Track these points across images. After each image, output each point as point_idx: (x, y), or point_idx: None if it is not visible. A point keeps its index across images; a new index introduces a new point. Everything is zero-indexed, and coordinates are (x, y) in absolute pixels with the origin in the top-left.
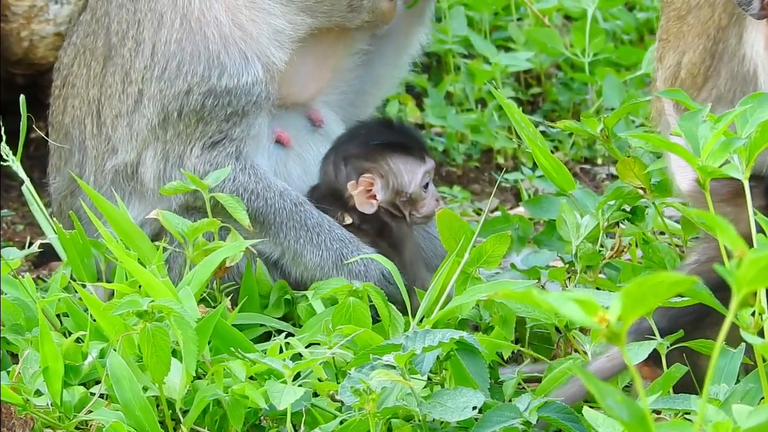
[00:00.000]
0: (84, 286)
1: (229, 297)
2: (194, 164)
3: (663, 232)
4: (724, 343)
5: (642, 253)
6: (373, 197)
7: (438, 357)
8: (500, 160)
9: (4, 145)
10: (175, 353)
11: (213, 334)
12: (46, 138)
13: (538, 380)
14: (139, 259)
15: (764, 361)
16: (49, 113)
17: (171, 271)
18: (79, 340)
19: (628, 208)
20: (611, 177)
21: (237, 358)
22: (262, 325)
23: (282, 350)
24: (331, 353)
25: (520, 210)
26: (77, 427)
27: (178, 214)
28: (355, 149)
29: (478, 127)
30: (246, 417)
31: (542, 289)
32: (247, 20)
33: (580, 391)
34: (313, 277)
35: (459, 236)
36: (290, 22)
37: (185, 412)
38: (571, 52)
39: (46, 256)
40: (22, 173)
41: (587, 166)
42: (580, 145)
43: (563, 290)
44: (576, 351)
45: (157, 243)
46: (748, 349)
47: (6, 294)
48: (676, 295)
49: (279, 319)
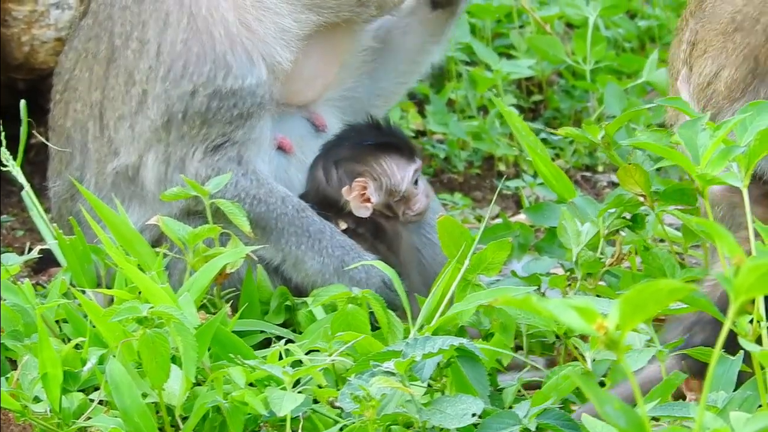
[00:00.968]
0: (83, 292)
1: (230, 303)
2: (196, 168)
3: (663, 240)
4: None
5: (642, 260)
6: (368, 200)
7: (438, 364)
8: (501, 167)
9: (5, 150)
10: (174, 360)
11: (213, 340)
12: (46, 142)
13: (538, 386)
14: (138, 265)
15: (762, 368)
16: (50, 117)
17: (171, 277)
18: (78, 346)
19: (628, 215)
20: (612, 184)
21: (237, 364)
22: (262, 331)
23: (282, 357)
24: (330, 360)
25: (521, 217)
26: None
27: (179, 219)
28: (345, 153)
29: (479, 135)
30: (246, 424)
31: (542, 296)
32: (254, 20)
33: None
34: (314, 284)
35: (460, 243)
36: (296, 21)
37: (185, 419)
38: (573, 60)
39: (46, 262)
40: (22, 179)
41: (588, 174)
42: (581, 153)
43: (563, 297)
44: (576, 358)
45: (157, 249)
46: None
47: (5, 300)
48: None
49: (279, 325)
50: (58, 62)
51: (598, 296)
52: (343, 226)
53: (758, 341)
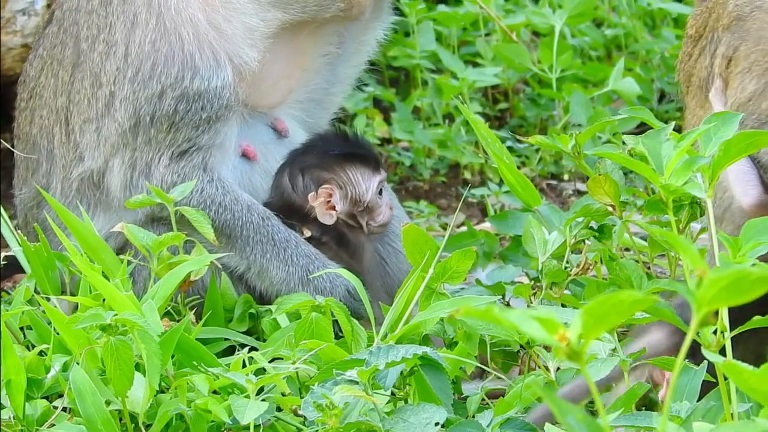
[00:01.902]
0: (48, 299)
1: (194, 311)
2: (162, 174)
3: (629, 249)
4: None
5: (608, 270)
6: (333, 208)
7: (402, 372)
8: (467, 175)
9: None
10: (138, 367)
11: (176, 348)
12: (12, 149)
13: (503, 395)
14: (103, 272)
15: (726, 379)
16: (15, 126)
17: (135, 284)
18: (42, 353)
19: (595, 225)
20: (578, 193)
21: (200, 372)
22: (226, 339)
23: (246, 364)
24: (294, 368)
25: (486, 225)
26: None
27: (144, 225)
28: (312, 161)
29: (445, 142)
30: (209, 431)
31: (507, 305)
32: (223, 19)
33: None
34: (279, 292)
35: (424, 251)
36: (262, 20)
37: (148, 426)
38: (539, 68)
39: (11, 269)
40: None
41: (554, 182)
42: (547, 161)
43: (528, 306)
44: (539, 367)
45: (121, 256)
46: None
47: None
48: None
49: (243, 333)
50: (23, 70)
51: (563, 305)
52: (308, 233)
53: (722, 352)
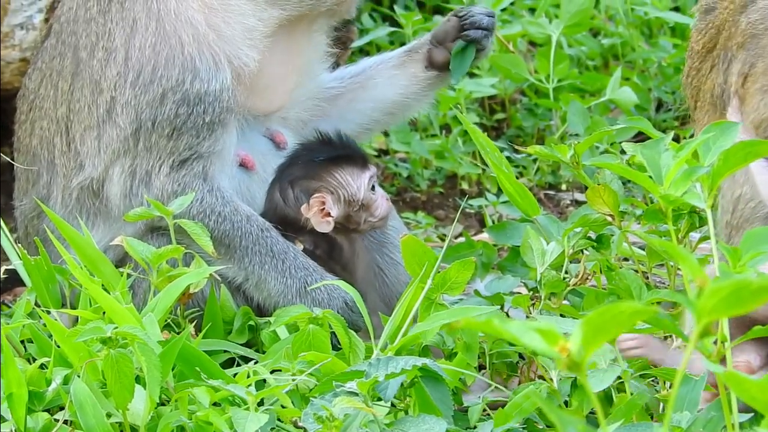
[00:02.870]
0: (48, 312)
1: (193, 323)
2: (162, 183)
3: (627, 258)
4: None
5: (607, 279)
6: (328, 215)
7: (402, 384)
8: (465, 185)
9: None
10: (138, 379)
11: (177, 359)
12: (12, 162)
13: (504, 406)
14: (103, 285)
15: (726, 389)
16: (15, 140)
17: (135, 297)
18: (43, 366)
19: (593, 235)
20: (575, 203)
21: (202, 382)
22: (225, 351)
23: (248, 377)
24: (295, 382)
25: (484, 236)
26: None
27: (144, 235)
28: (299, 171)
29: (442, 153)
30: None
31: (506, 315)
32: (222, 21)
33: None
34: (277, 304)
35: (423, 262)
36: (260, 20)
37: None
38: (536, 78)
39: (11, 282)
40: None
41: (551, 192)
42: (545, 171)
43: (527, 317)
44: (542, 376)
45: (121, 269)
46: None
47: None
48: None
49: (243, 345)
50: (23, 84)
51: (562, 316)
52: (300, 246)
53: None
